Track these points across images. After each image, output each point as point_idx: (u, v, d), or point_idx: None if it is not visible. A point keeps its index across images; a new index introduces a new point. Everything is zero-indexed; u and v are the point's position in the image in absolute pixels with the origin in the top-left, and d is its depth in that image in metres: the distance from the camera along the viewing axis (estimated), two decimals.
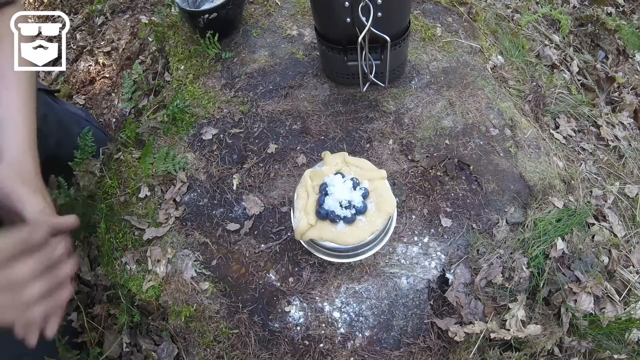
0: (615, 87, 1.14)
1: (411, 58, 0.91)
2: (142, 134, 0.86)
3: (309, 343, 0.65)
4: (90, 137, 0.84)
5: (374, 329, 0.66)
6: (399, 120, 0.83)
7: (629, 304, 0.73)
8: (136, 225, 0.76)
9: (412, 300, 0.68)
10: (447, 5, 1.05)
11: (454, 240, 0.72)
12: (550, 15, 1.26)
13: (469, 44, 0.97)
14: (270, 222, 0.74)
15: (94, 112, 1.68)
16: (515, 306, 0.66)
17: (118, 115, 1.65)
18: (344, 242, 0.60)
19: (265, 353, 0.65)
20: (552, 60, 1.13)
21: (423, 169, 0.78)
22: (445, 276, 0.68)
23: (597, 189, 0.89)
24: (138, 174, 0.81)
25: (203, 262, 0.72)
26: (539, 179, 0.79)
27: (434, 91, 0.87)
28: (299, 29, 0.99)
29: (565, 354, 0.67)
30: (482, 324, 0.64)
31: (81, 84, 1.76)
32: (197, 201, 0.78)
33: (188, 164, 0.81)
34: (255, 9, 1.04)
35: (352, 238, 0.60)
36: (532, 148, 0.83)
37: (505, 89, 0.94)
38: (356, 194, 0.61)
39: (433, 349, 0.64)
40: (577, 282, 0.72)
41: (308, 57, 0.93)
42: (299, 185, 0.64)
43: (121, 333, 0.70)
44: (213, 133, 0.84)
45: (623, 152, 0.99)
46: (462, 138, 0.81)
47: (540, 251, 0.72)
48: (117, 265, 0.74)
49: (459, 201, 0.75)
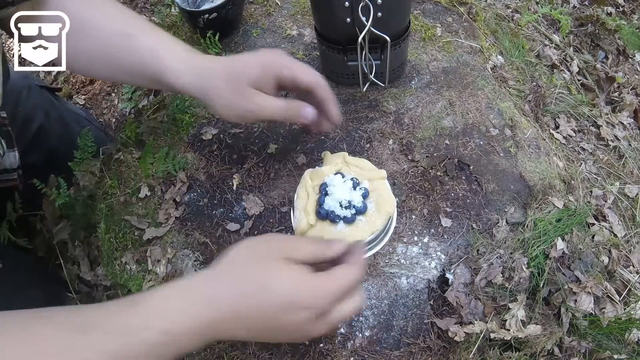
0: (615, 87, 1.14)
1: (411, 58, 0.91)
2: (142, 134, 0.86)
3: (309, 343, 0.65)
4: (90, 137, 0.84)
5: (374, 329, 0.66)
6: (399, 120, 0.83)
7: (629, 304, 0.73)
8: (136, 225, 0.76)
9: (412, 300, 0.68)
10: (447, 5, 1.05)
11: (454, 240, 0.72)
12: (550, 15, 1.26)
13: (469, 44, 0.97)
14: (270, 222, 0.74)
15: (94, 112, 1.68)
16: (515, 306, 0.66)
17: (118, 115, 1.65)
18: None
19: (265, 353, 0.65)
20: (552, 60, 1.13)
21: (423, 169, 0.78)
22: (445, 276, 0.68)
23: (597, 189, 0.89)
24: (138, 174, 0.81)
25: (203, 262, 0.72)
26: (539, 179, 0.79)
27: (434, 91, 0.87)
28: (299, 29, 0.99)
29: (565, 354, 0.67)
30: (482, 324, 0.64)
31: (81, 84, 1.76)
32: (197, 201, 0.78)
33: (188, 164, 0.81)
34: (255, 9, 1.04)
35: (352, 238, 0.60)
36: (532, 148, 0.83)
37: (505, 89, 0.94)
38: (356, 194, 0.61)
39: (433, 349, 0.64)
40: (577, 282, 0.72)
41: (308, 57, 0.93)
42: (299, 185, 0.64)
43: None
44: (213, 133, 0.84)
45: (623, 152, 0.99)
46: (462, 138, 0.81)
47: (540, 251, 0.72)
48: (117, 265, 0.74)
49: (459, 201, 0.75)
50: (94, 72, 0.71)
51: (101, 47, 0.63)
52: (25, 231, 0.91)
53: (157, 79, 0.62)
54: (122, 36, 0.62)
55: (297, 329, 0.44)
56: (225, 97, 0.58)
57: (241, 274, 0.44)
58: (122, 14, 0.65)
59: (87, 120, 1.12)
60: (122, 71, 0.65)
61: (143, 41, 0.61)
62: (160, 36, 0.63)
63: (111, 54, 0.63)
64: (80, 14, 0.62)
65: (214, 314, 0.42)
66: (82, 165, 0.83)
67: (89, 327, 0.40)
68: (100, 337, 0.39)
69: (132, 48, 0.62)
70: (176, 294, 0.44)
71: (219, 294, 0.43)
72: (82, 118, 1.10)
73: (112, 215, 0.78)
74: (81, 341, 0.39)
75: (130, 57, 0.62)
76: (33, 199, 0.86)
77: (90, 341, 0.39)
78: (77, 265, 0.84)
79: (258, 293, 0.43)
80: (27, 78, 0.96)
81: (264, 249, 0.47)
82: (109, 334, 0.40)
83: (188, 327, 0.41)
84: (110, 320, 0.41)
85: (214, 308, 0.42)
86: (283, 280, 0.43)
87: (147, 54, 0.61)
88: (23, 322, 0.41)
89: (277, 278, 0.43)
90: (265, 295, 0.43)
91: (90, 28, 0.63)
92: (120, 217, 0.77)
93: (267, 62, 0.58)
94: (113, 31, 0.63)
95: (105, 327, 0.40)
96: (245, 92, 0.57)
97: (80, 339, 0.39)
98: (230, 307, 0.43)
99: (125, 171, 0.82)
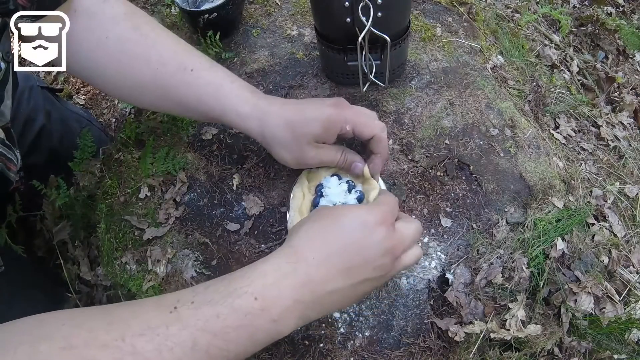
0: (615, 87, 1.14)
1: (411, 58, 0.91)
2: (142, 134, 0.86)
3: (309, 343, 0.65)
4: (90, 137, 0.85)
5: (374, 329, 0.66)
6: (399, 120, 0.83)
7: (629, 304, 0.73)
8: (136, 225, 0.76)
9: (412, 300, 0.68)
10: (447, 5, 1.04)
11: (454, 240, 0.72)
12: (550, 15, 1.26)
13: (469, 44, 0.97)
14: (270, 222, 0.74)
15: (94, 112, 1.68)
16: (515, 306, 0.66)
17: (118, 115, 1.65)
18: None
19: (265, 353, 0.65)
20: (552, 60, 1.13)
21: (423, 169, 0.78)
22: (445, 276, 0.68)
23: (597, 189, 0.89)
24: (138, 174, 0.81)
25: (203, 262, 0.72)
26: (539, 179, 0.79)
27: (434, 91, 0.87)
28: (299, 29, 0.99)
29: (565, 354, 0.67)
30: (482, 324, 0.64)
31: (81, 84, 1.76)
32: (197, 201, 0.78)
33: (188, 164, 0.81)
34: (255, 9, 1.04)
35: None
36: (532, 148, 0.83)
37: (505, 89, 0.94)
38: (351, 197, 0.62)
39: (433, 349, 0.64)
40: (577, 282, 0.72)
41: (308, 57, 0.93)
42: (295, 185, 0.65)
43: None
44: (213, 133, 0.84)
45: (623, 152, 0.99)
46: (462, 138, 0.81)
47: (540, 251, 0.72)
48: (117, 265, 0.74)
49: (459, 201, 0.75)
50: (140, 101, 0.70)
51: (154, 78, 0.62)
52: (25, 231, 0.91)
53: (215, 116, 0.62)
54: (180, 70, 0.61)
55: (380, 254, 0.47)
56: (284, 147, 0.60)
57: (309, 229, 0.48)
58: (177, 44, 0.64)
59: (88, 120, 1.13)
60: (173, 103, 0.64)
61: (204, 76, 0.61)
62: (220, 72, 0.63)
63: (165, 85, 0.62)
64: (129, 38, 0.62)
65: (303, 269, 0.43)
66: (82, 165, 0.83)
67: (177, 304, 0.39)
68: (190, 312, 0.39)
69: (190, 82, 0.61)
70: (260, 262, 0.45)
71: (300, 250, 0.45)
72: (82, 118, 1.11)
73: (112, 215, 0.78)
74: (171, 318, 0.38)
75: (187, 91, 0.62)
76: (33, 199, 0.86)
77: (181, 317, 0.38)
78: (77, 266, 0.84)
79: (335, 230, 0.46)
80: (28, 79, 0.96)
81: (321, 209, 0.53)
82: (198, 308, 0.39)
83: (278, 291, 0.41)
84: (199, 295, 0.41)
85: (302, 262, 0.44)
86: (352, 209, 0.50)
87: (208, 90, 0.61)
88: (97, 310, 0.41)
89: (343, 212, 0.49)
90: (340, 227, 0.46)
91: (141, 56, 0.62)
92: (120, 217, 0.77)
93: (329, 120, 0.59)
94: (168, 62, 0.62)
95: (195, 302, 0.39)
96: (303, 147, 0.59)
97: (170, 317, 0.38)
98: (317, 256, 0.44)
99: (125, 171, 0.82)
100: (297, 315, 0.43)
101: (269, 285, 0.41)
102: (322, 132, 0.58)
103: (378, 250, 0.46)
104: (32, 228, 0.92)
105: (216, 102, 0.60)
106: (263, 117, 0.59)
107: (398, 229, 0.50)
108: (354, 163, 0.64)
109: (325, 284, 0.44)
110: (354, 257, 0.45)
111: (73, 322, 0.38)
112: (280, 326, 0.42)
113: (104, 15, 0.62)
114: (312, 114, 0.58)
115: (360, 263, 0.45)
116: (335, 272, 0.44)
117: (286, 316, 0.42)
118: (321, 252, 0.45)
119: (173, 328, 0.37)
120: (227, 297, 0.40)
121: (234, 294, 0.40)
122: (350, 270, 0.45)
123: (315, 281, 0.43)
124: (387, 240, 0.47)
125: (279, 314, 0.41)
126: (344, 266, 0.45)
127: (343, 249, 0.45)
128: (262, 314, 0.40)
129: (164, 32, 0.65)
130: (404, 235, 0.51)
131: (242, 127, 0.61)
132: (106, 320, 0.38)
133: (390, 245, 0.48)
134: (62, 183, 0.81)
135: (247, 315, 0.39)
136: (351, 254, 0.45)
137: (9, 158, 0.72)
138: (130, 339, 0.36)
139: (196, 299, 0.40)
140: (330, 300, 0.45)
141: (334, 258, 0.44)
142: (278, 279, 0.42)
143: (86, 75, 0.67)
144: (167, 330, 0.37)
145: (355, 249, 0.45)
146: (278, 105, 0.60)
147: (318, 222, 0.48)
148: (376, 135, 0.61)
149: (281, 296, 0.41)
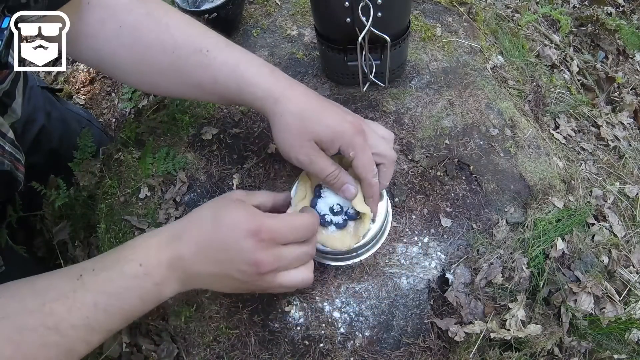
0: (615, 87, 1.14)
1: (411, 58, 0.91)
2: (142, 134, 0.86)
3: (309, 343, 0.65)
4: (90, 137, 0.85)
5: (374, 329, 0.66)
6: (399, 120, 0.83)
7: (629, 304, 0.73)
8: (136, 226, 0.76)
9: (412, 300, 0.68)
10: (447, 5, 1.05)
11: (454, 240, 0.72)
12: (550, 15, 1.26)
13: (469, 44, 0.97)
14: None
15: (94, 112, 1.68)
16: (515, 306, 0.66)
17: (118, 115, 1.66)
18: (332, 246, 0.60)
19: (265, 353, 0.65)
20: (552, 60, 1.13)
21: (423, 169, 0.78)
22: (445, 276, 0.68)
23: (597, 189, 0.89)
24: (138, 174, 0.81)
25: None
26: (539, 179, 0.79)
27: (434, 91, 0.87)
28: (299, 29, 0.99)
29: (565, 354, 0.67)
30: (482, 324, 0.64)
31: (81, 84, 1.76)
32: (197, 201, 0.78)
33: (188, 164, 0.81)
34: (255, 9, 1.04)
35: (341, 243, 0.60)
36: (532, 148, 0.83)
37: (505, 89, 0.94)
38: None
39: (433, 349, 0.64)
40: (577, 282, 0.72)
41: (308, 57, 0.93)
42: (298, 182, 0.64)
43: (121, 333, 0.70)
44: (213, 133, 0.84)
45: (623, 152, 0.99)
46: (462, 138, 0.81)
47: (540, 251, 0.72)
48: None
49: (459, 201, 0.75)
50: (161, 89, 0.69)
51: (170, 64, 0.61)
52: (26, 231, 0.91)
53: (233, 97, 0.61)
54: (195, 52, 0.60)
55: (244, 262, 0.50)
56: (286, 131, 0.57)
57: (198, 214, 0.53)
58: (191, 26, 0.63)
59: (88, 120, 1.13)
60: (191, 87, 0.63)
61: (219, 57, 0.60)
62: (237, 51, 0.61)
63: (181, 69, 0.61)
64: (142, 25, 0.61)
65: (178, 247, 0.50)
66: (82, 166, 0.83)
67: (82, 272, 0.48)
68: (91, 278, 0.47)
69: (205, 64, 0.60)
70: (148, 235, 0.52)
71: (180, 230, 0.52)
72: (82, 118, 1.10)
73: (112, 215, 0.78)
74: (78, 285, 0.47)
75: (203, 73, 0.60)
76: (33, 199, 0.86)
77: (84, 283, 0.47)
78: None
79: (211, 222, 0.51)
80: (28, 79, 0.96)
81: (220, 197, 0.56)
82: (97, 275, 0.48)
83: (158, 260, 0.49)
84: (97, 263, 0.50)
85: (178, 241, 0.50)
86: (231, 210, 0.51)
87: (224, 70, 0.59)
88: (25, 282, 0.49)
89: (227, 208, 0.52)
90: (216, 221, 0.51)
91: (156, 43, 0.61)
92: (120, 217, 0.77)
93: (343, 135, 0.56)
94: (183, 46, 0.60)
95: (95, 269, 0.48)
96: (304, 142, 0.57)
97: (77, 283, 0.47)
98: (191, 240, 0.50)
99: (125, 171, 0.82)
100: (176, 283, 0.51)
101: (151, 255, 0.49)
102: (327, 140, 0.56)
103: (242, 258, 0.49)
104: (32, 228, 0.92)
105: (233, 82, 0.59)
106: (280, 99, 0.57)
107: (278, 248, 0.51)
108: (347, 185, 0.60)
109: (193, 265, 0.50)
110: (220, 252, 0.50)
111: (8, 294, 0.47)
112: (163, 288, 0.50)
113: (117, 4, 0.61)
114: (329, 119, 0.56)
115: (225, 259, 0.50)
116: (204, 257, 0.50)
117: (166, 282, 0.50)
118: (195, 236, 0.51)
119: (79, 292, 0.46)
120: (116, 263, 0.49)
121: (122, 261, 0.49)
122: (216, 262, 0.50)
123: (186, 260, 0.50)
124: (253, 253, 0.49)
125: (160, 279, 0.49)
126: (211, 256, 0.50)
127: (212, 241, 0.50)
128: (147, 277, 0.48)
129: (177, 15, 0.63)
130: (281, 256, 0.51)
131: (257, 107, 0.59)
132: (31, 290, 0.47)
133: (255, 259, 0.49)
134: (62, 183, 0.81)
135: (134, 278, 0.48)
136: (217, 249, 0.50)
137: (18, 158, 0.72)
138: (49, 304, 0.45)
139: (96, 267, 0.48)
140: (200, 280, 0.52)
141: (202, 245, 0.50)
142: (158, 251, 0.50)
143: (105, 68, 0.66)
144: (74, 294, 0.46)
145: (221, 246, 0.50)
146: (300, 91, 0.58)
147: (205, 210, 0.53)
148: (366, 180, 0.59)
149: (160, 265, 0.49)
